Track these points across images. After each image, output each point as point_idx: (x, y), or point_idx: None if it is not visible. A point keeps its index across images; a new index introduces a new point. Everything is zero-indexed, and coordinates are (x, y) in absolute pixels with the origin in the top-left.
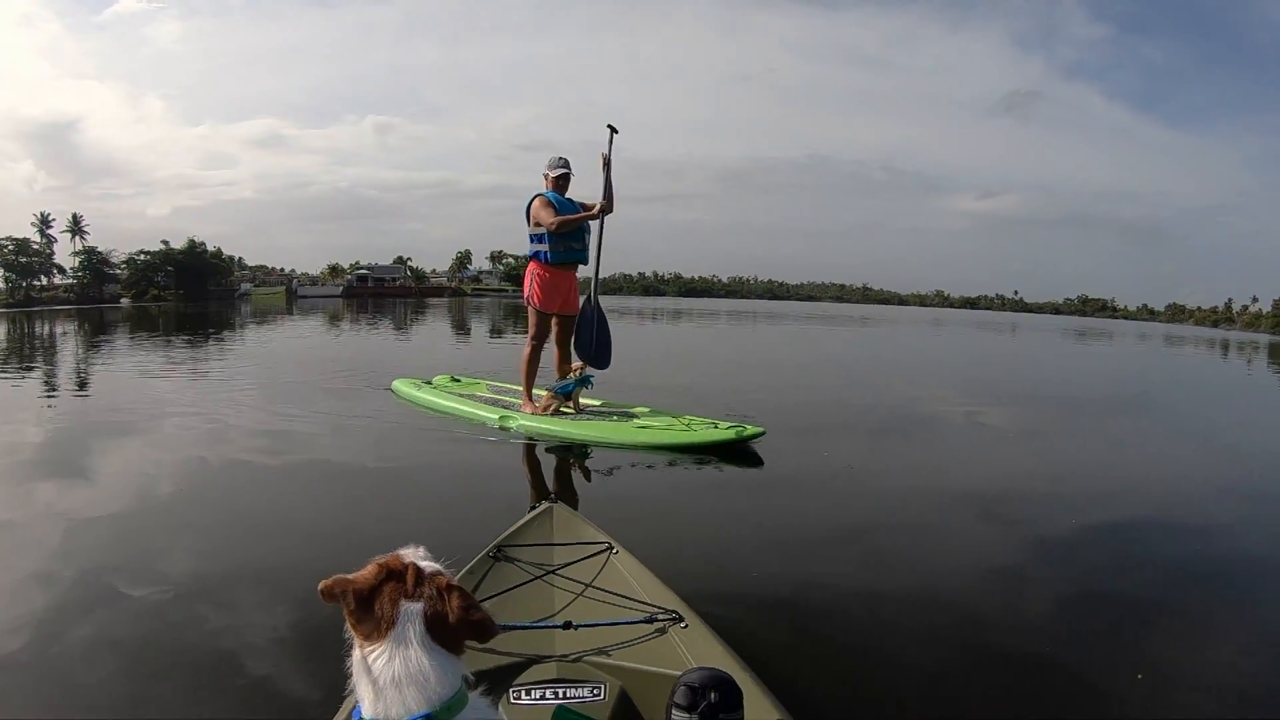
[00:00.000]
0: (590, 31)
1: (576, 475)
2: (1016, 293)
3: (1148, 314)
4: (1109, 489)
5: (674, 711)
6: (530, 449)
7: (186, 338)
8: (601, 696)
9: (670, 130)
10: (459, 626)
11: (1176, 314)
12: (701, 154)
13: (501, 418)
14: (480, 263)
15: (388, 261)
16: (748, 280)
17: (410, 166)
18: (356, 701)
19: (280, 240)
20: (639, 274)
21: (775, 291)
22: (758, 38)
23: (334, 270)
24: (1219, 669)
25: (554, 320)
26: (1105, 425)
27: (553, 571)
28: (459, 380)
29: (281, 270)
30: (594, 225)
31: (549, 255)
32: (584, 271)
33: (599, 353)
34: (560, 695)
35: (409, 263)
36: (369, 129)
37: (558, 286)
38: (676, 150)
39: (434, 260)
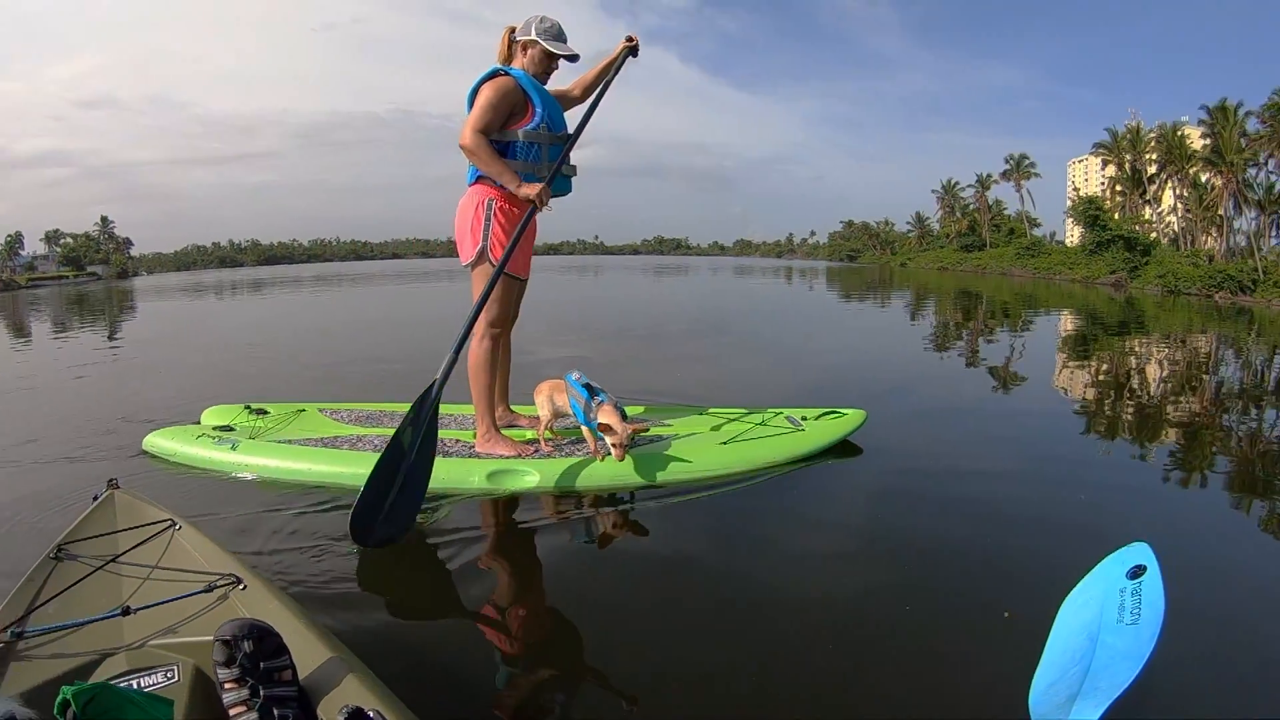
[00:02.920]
0: None
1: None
2: (597, 237)
3: (719, 249)
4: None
5: (218, 670)
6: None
7: None
8: (175, 678)
9: (246, 82)
10: None
11: (745, 248)
12: (278, 108)
13: (493, 476)
14: (34, 246)
15: None
16: (330, 242)
17: None
18: None
19: None
20: (214, 244)
21: (360, 252)
22: None
23: None
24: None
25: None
26: (690, 346)
27: (114, 559)
28: (264, 412)
29: None
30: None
31: (521, 179)
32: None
33: (390, 517)
34: (134, 687)
35: None
36: None
37: (526, 233)
38: (252, 104)
39: None
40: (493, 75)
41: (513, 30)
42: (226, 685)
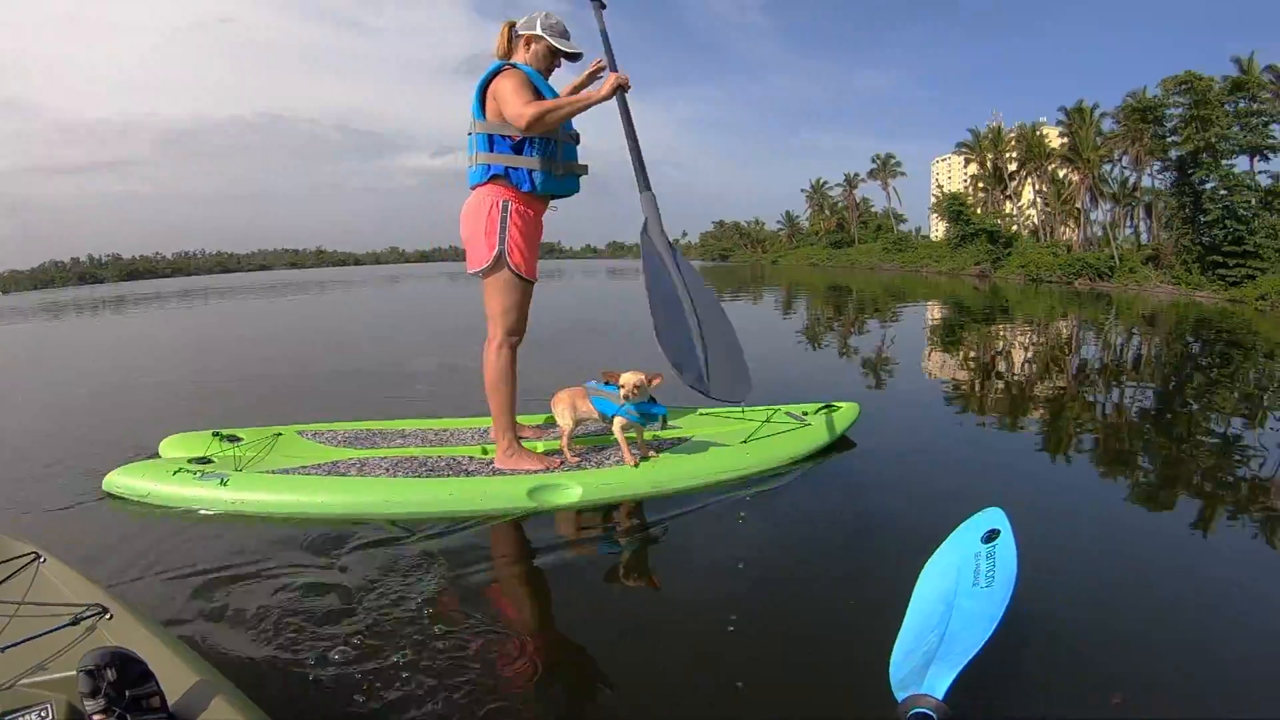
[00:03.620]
0: None
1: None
2: None
3: (592, 252)
4: None
5: (84, 702)
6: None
7: None
8: (49, 716)
9: (109, 86)
10: None
11: (618, 250)
12: (143, 113)
13: (535, 492)
14: None
15: None
16: (195, 255)
17: None
18: None
19: None
20: (73, 260)
21: (226, 264)
22: None
23: None
24: None
25: None
26: (586, 350)
27: None
28: (237, 439)
29: None
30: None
31: (537, 178)
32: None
33: (732, 368)
34: None
35: None
36: None
37: (539, 231)
38: (114, 109)
39: None
40: (500, 69)
41: (512, 25)
42: (94, 717)
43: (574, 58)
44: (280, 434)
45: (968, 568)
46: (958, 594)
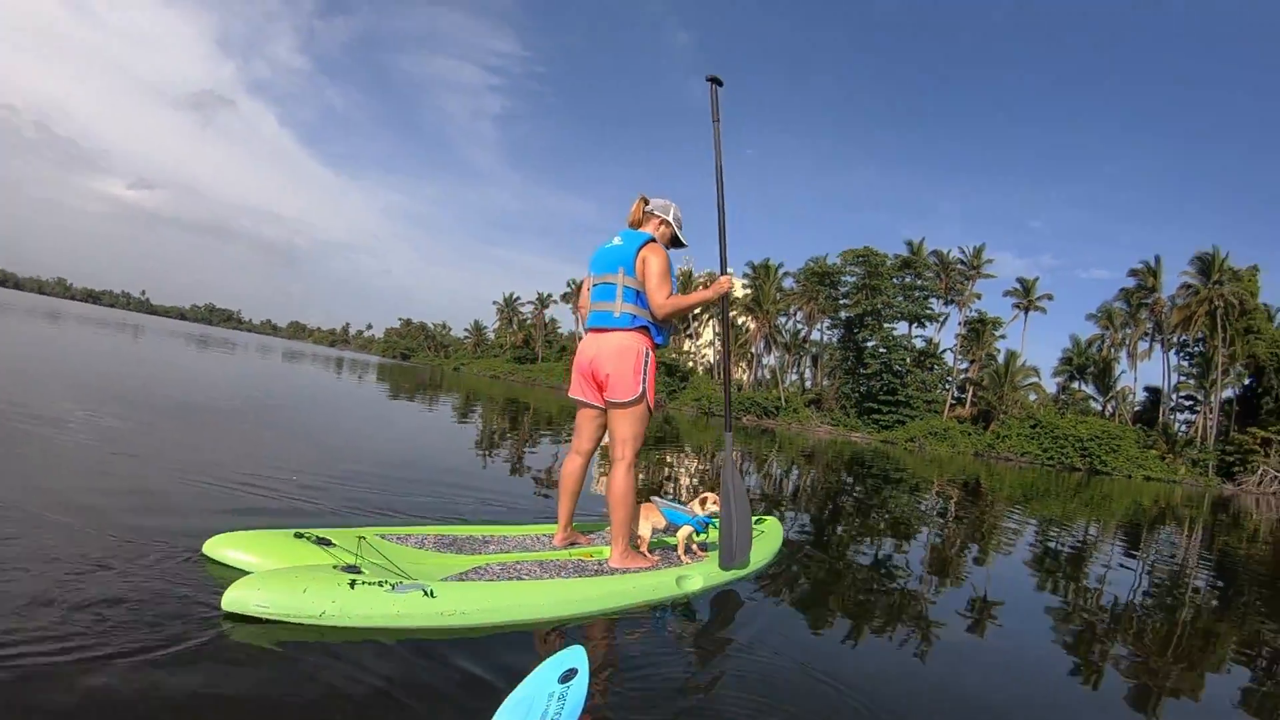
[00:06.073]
0: None
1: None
2: (144, 292)
3: (271, 329)
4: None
5: None
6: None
7: None
8: None
9: None
10: None
11: (298, 331)
12: None
13: (681, 580)
14: None
15: None
16: None
17: None
18: None
19: None
20: None
21: None
22: None
23: None
24: None
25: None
26: (238, 428)
27: None
28: (329, 543)
29: None
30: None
31: (664, 334)
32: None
33: (741, 547)
34: None
35: None
36: None
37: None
38: None
39: None
40: (651, 241)
41: (645, 200)
42: None
43: (681, 247)
44: (363, 537)
45: (538, 707)
46: None
